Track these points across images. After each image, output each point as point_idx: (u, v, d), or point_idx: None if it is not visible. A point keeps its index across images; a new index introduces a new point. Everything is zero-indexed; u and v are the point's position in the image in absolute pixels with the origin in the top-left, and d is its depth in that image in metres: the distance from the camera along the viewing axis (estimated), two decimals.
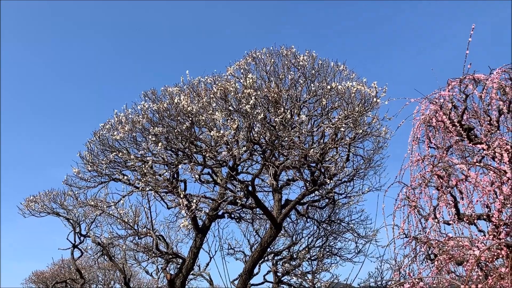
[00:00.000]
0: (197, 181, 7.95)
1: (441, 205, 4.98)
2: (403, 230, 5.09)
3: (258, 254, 8.97)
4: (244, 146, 7.03)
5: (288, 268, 12.00)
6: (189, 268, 9.09)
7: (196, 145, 6.99)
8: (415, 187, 5.32)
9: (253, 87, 6.34)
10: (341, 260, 12.34)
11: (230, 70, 7.52)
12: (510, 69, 6.11)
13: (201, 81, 7.69)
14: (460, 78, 6.34)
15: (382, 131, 7.84)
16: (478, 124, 6.51)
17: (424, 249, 4.70)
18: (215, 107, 6.52)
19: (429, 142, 6.67)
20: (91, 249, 12.68)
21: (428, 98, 6.68)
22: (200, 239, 9.18)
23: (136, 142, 7.56)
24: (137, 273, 18.63)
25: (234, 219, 10.55)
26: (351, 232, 11.49)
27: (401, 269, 4.97)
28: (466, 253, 4.00)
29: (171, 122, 6.87)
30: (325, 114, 7.61)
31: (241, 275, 9.20)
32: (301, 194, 8.66)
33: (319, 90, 7.53)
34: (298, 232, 12.40)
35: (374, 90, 6.86)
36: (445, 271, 4.39)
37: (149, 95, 7.89)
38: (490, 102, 6.10)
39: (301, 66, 7.50)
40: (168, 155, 7.50)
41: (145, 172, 6.99)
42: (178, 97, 6.61)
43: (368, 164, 9.12)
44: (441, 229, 5.32)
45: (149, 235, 9.19)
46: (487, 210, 5.02)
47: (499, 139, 5.37)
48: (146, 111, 7.32)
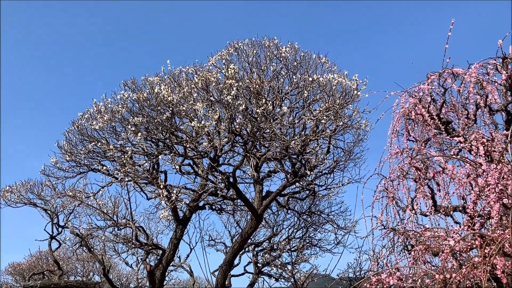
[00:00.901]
0: (178, 172, 7.90)
1: (419, 196, 5.07)
2: (381, 222, 5.17)
3: (239, 245, 8.99)
4: (225, 137, 7.00)
5: (268, 259, 12.08)
6: (169, 259, 9.06)
7: (176, 136, 6.93)
8: (394, 179, 5.40)
9: (235, 78, 6.31)
10: (321, 251, 12.49)
11: (212, 61, 7.46)
12: (487, 64, 6.23)
13: (183, 71, 7.61)
14: (439, 72, 6.43)
15: (362, 124, 7.91)
16: (456, 117, 6.63)
17: (401, 240, 4.78)
18: (196, 97, 6.46)
19: (408, 135, 6.77)
20: (70, 240, 12.51)
21: (407, 91, 6.76)
22: (181, 230, 9.15)
23: (116, 132, 7.46)
24: (116, 264, 18.50)
25: (215, 210, 10.53)
26: (330, 223, 11.62)
27: (379, 259, 5.06)
28: (442, 244, 4.09)
29: (151, 112, 6.79)
30: (306, 106, 7.63)
31: (221, 266, 9.22)
32: (282, 186, 8.70)
33: (301, 82, 7.54)
34: (279, 223, 12.49)
35: (355, 82, 6.90)
36: (421, 261, 4.48)
37: (129, 84, 7.77)
38: (468, 96, 6.22)
39: (283, 58, 7.48)
40: (148, 146, 7.42)
41: (124, 163, 6.91)
42: (159, 87, 6.53)
43: (348, 156, 9.20)
44: (418, 221, 5.42)
45: (129, 226, 9.11)
46: (463, 201, 5.14)
47: (475, 133, 5.48)
48: (126, 101, 7.21)
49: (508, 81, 5.89)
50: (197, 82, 6.35)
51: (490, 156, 4.83)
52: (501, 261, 3.37)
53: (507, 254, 3.44)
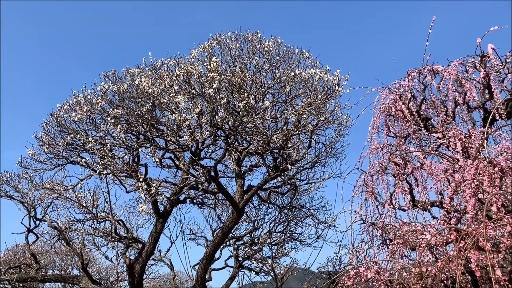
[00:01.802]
0: (159, 165, 7.82)
1: (397, 191, 5.14)
2: (360, 216, 5.22)
3: (220, 239, 8.98)
4: (207, 131, 6.96)
5: (249, 253, 12.11)
6: (149, 253, 8.99)
7: (157, 129, 6.86)
8: (373, 174, 5.46)
9: (217, 71, 6.26)
10: (301, 245, 12.58)
11: (194, 53, 7.39)
12: (466, 62, 6.33)
13: (164, 64, 7.52)
14: (420, 69, 6.52)
15: (343, 119, 7.97)
16: (435, 114, 6.73)
17: (380, 234, 4.85)
18: (177, 90, 6.40)
19: (388, 131, 6.85)
20: (48, 234, 12.31)
21: (388, 87, 6.83)
22: (161, 224, 9.08)
23: (95, 124, 7.34)
24: (96, 258, 18.30)
25: (196, 204, 10.49)
26: (311, 217, 11.70)
27: (358, 253, 5.12)
28: (419, 238, 4.15)
29: (131, 104, 6.70)
30: (289, 101, 7.64)
31: (202, 260, 9.19)
32: (263, 180, 8.71)
33: (283, 77, 7.54)
34: (260, 218, 12.51)
35: (336, 78, 6.93)
36: (398, 255, 4.56)
37: (110, 76, 7.64)
38: (447, 93, 6.32)
39: (266, 52, 7.47)
40: (128, 138, 7.33)
41: (103, 155, 6.81)
42: (139, 79, 6.44)
43: (329, 151, 9.27)
44: (396, 215, 5.51)
45: (108, 220, 9.00)
46: (440, 197, 5.23)
47: (454, 129, 5.57)
48: (106, 93, 7.10)
49: (486, 79, 6.00)
50: (179, 74, 6.29)
51: (467, 152, 4.92)
52: (475, 255, 3.44)
53: (481, 248, 3.51)
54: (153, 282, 20.76)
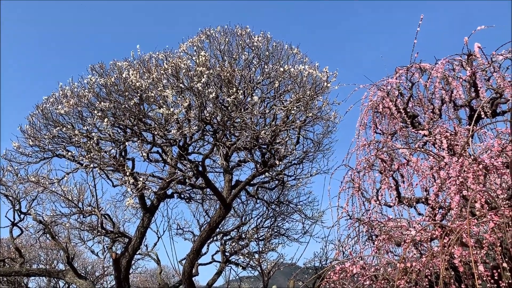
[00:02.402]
0: (146, 160, 7.78)
1: (383, 188, 5.19)
2: (346, 211, 5.26)
3: (207, 234, 8.97)
4: (196, 125, 6.94)
5: (236, 248, 12.13)
6: (136, 248, 8.96)
7: (145, 123, 6.81)
8: (360, 170, 5.50)
9: (205, 65, 6.23)
10: (288, 240, 12.64)
11: (183, 47, 7.34)
12: (453, 60, 6.39)
13: (153, 57, 7.45)
14: (407, 66, 6.56)
15: (331, 116, 8.00)
16: (422, 112, 6.79)
17: (365, 230, 4.89)
18: (165, 84, 6.35)
19: (376, 128, 6.89)
20: (33, 228, 12.19)
21: (376, 85, 6.87)
22: (148, 219, 9.05)
23: (82, 117, 7.26)
24: (82, 252, 18.16)
25: (184, 199, 10.47)
26: (298, 213, 11.76)
27: (344, 249, 5.16)
28: (404, 234, 4.20)
29: (118, 97, 6.63)
30: (277, 96, 7.64)
31: (188, 254, 9.18)
32: (251, 175, 8.72)
33: (272, 72, 7.53)
34: (248, 213, 12.54)
35: (325, 74, 6.95)
36: (384, 251, 4.60)
37: (97, 69, 7.56)
38: (434, 91, 6.37)
39: (255, 47, 7.44)
40: (116, 132, 7.27)
41: (90, 149, 6.74)
42: (127, 72, 6.37)
43: (317, 147, 9.31)
44: (382, 211, 5.56)
45: (94, 214, 8.94)
46: (425, 193, 5.29)
47: (440, 127, 5.63)
48: (93, 85, 7.02)
49: (472, 77, 6.07)
50: (167, 68, 6.24)
51: (453, 150, 4.98)
52: (459, 251, 3.49)
53: (464, 244, 3.57)
54: (139, 277, 20.70)
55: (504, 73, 6.00)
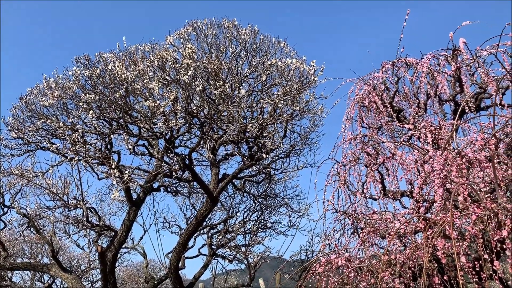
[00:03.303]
0: (132, 153, 7.72)
1: (369, 181, 5.23)
2: (332, 204, 5.29)
3: (193, 227, 8.97)
4: (182, 118, 6.90)
5: (223, 241, 12.15)
6: (122, 241, 8.91)
7: (131, 115, 6.75)
8: (346, 163, 5.53)
9: (192, 58, 6.19)
10: (275, 233, 12.70)
11: (170, 39, 7.27)
12: (439, 55, 6.45)
13: (139, 49, 7.38)
14: (393, 61, 6.60)
15: (318, 109, 8.03)
16: (407, 106, 6.85)
17: (351, 222, 4.93)
18: (152, 76, 6.30)
19: (362, 122, 6.93)
20: (16, 221, 12.03)
21: (363, 79, 6.90)
22: (134, 212, 9.00)
23: (67, 109, 7.16)
24: (67, 246, 18.01)
25: (171, 192, 10.44)
26: (285, 206, 11.82)
27: (330, 241, 5.20)
28: (389, 226, 4.25)
29: (104, 89, 6.56)
30: (265, 90, 7.64)
31: (175, 248, 9.17)
32: (238, 169, 8.73)
33: (260, 66, 7.52)
34: (235, 206, 12.55)
35: (312, 68, 6.96)
36: (368, 243, 4.65)
37: (82, 60, 7.45)
38: (419, 86, 6.43)
39: (242, 40, 7.42)
40: (101, 125, 7.19)
41: (75, 141, 6.66)
42: (113, 64, 6.30)
43: (304, 141, 9.35)
44: (368, 204, 5.61)
45: (80, 207, 8.85)
46: (410, 187, 5.35)
47: (425, 121, 5.69)
48: (78, 77, 6.92)
49: (457, 72, 6.13)
50: (153, 60, 6.18)
51: (437, 144, 5.03)
52: (442, 243, 3.54)
53: (447, 236, 3.62)
54: (125, 271, 20.63)
55: (488, 68, 6.08)
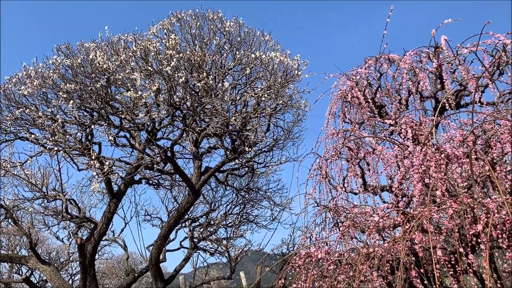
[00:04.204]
0: (113, 144, 7.63)
1: (350, 175, 5.28)
2: (314, 198, 5.33)
3: (175, 220, 8.93)
4: (165, 110, 6.84)
5: (204, 234, 12.13)
6: (102, 233, 8.82)
7: (112, 106, 6.66)
8: (328, 158, 5.57)
9: (175, 49, 6.12)
10: (257, 226, 12.74)
11: (153, 30, 7.18)
12: (421, 52, 6.53)
13: (121, 39, 7.27)
14: (376, 57, 6.66)
15: (302, 104, 8.06)
16: (389, 102, 6.93)
17: (331, 216, 4.97)
18: (134, 66, 6.21)
19: (344, 117, 6.99)
20: None
21: (346, 74, 6.95)
22: (115, 204, 8.91)
23: (46, 98, 7.03)
24: (46, 238, 17.76)
25: (152, 185, 10.37)
26: (267, 200, 11.85)
27: (310, 235, 5.24)
28: (368, 220, 4.30)
29: (85, 79, 6.45)
30: (249, 83, 7.62)
31: (156, 240, 9.13)
32: (221, 162, 8.71)
33: (244, 59, 7.49)
34: (217, 200, 12.54)
35: (296, 62, 6.97)
36: (348, 237, 4.70)
37: (63, 49, 7.31)
38: (401, 82, 6.50)
39: (227, 32, 7.37)
40: (82, 115, 7.08)
41: (55, 132, 6.54)
42: (94, 53, 6.20)
43: (287, 135, 9.37)
44: (348, 198, 5.67)
45: (59, 199, 8.72)
46: (390, 181, 5.42)
47: (406, 117, 5.75)
48: (58, 66, 6.79)
49: (438, 69, 6.22)
50: (136, 50, 6.10)
51: (417, 139, 5.10)
52: (419, 237, 3.60)
53: (425, 230, 3.68)
54: (106, 263, 20.46)
55: (469, 66, 6.18)
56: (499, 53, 5.63)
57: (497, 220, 3.45)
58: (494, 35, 5.59)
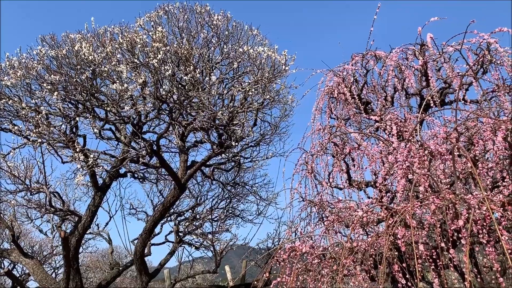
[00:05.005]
0: (98, 137, 7.55)
1: (335, 170, 5.32)
2: (299, 192, 5.36)
3: (160, 214, 8.91)
4: (151, 102, 6.79)
5: (190, 228, 12.12)
6: (86, 227, 8.76)
7: (97, 98, 6.59)
8: (314, 153, 5.60)
9: (162, 41, 6.07)
10: (243, 221, 12.77)
11: (140, 22, 7.10)
12: (407, 49, 6.59)
13: (108, 31, 7.18)
14: (363, 53, 6.70)
15: (289, 99, 8.08)
16: (375, 99, 6.98)
17: (316, 210, 5.01)
18: (120, 58, 6.15)
19: (331, 113, 7.03)
20: None
21: (333, 70, 6.98)
22: (100, 197, 8.85)
23: (30, 90, 6.92)
24: (29, 231, 17.53)
25: (138, 179, 10.30)
26: (253, 194, 11.88)
27: (295, 229, 5.27)
28: (352, 214, 4.34)
29: (70, 71, 6.36)
30: (236, 77, 7.60)
31: (141, 234, 9.10)
32: (207, 156, 8.69)
33: (231, 53, 7.47)
34: (203, 194, 12.53)
35: (284, 57, 6.97)
36: (333, 231, 4.74)
37: (48, 40, 7.20)
38: (387, 79, 6.56)
39: (214, 26, 7.34)
40: (66, 107, 6.98)
41: (38, 123, 6.45)
42: (79, 44, 6.11)
43: (274, 130, 9.40)
44: (333, 194, 5.71)
45: (42, 191, 8.61)
46: (375, 177, 5.48)
47: (391, 114, 5.81)
48: (43, 57, 6.69)
49: (423, 67, 6.29)
50: (122, 42, 6.04)
51: (402, 136, 5.16)
52: (402, 231, 3.66)
53: (407, 225, 3.73)
54: (90, 257, 20.31)
55: (454, 64, 6.25)
56: (483, 52, 5.71)
57: (478, 215, 3.51)
58: (478, 34, 5.66)
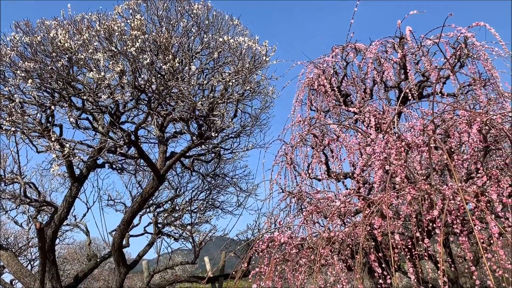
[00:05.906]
0: (75, 126, 7.40)
1: (314, 162, 5.35)
2: (279, 184, 5.38)
3: (138, 205, 8.82)
4: (129, 92, 6.68)
5: (169, 220, 12.05)
6: (63, 218, 8.60)
7: (74, 87, 6.44)
8: (294, 145, 5.62)
9: (141, 30, 5.97)
10: (223, 212, 12.76)
11: (118, 9, 6.95)
12: (387, 42, 6.64)
13: (85, 18, 7.01)
14: (343, 45, 6.72)
15: (269, 90, 8.06)
16: (355, 91, 7.03)
17: (295, 201, 5.03)
18: (97, 46, 6.02)
19: (311, 105, 7.05)
20: None
21: (313, 62, 6.99)
22: (77, 188, 8.69)
23: (4, 77, 6.72)
24: (4, 223, 17.14)
25: (116, 169, 10.16)
26: (233, 186, 11.87)
27: (275, 220, 5.29)
28: (330, 205, 4.38)
29: (45, 58, 6.19)
30: (217, 68, 7.54)
31: (119, 226, 9.00)
32: (187, 147, 8.63)
33: (212, 42, 7.39)
34: (183, 185, 12.45)
35: (264, 48, 6.94)
36: (311, 222, 4.78)
37: (22, 26, 6.99)
38: (367, 72, 6.61)
39: (194, 15, 7.24)
40: (42, 95, 6.81)
41: (12, 112, 6.28)
42: (55, 31, 5.95)
43: (255, 121, 9.39)
44: (312, 185, 5.75)
45: (17, 182, 8.42)
46: (353, 169, 5.53)
47: (370, 106, 5.87)
48: (17, 44, 6.49)
49: (402, 60, 6.35)
50: (99, 30, 5.90)
51: (380, 128, 5.22)
52: (378, 222, 3.70)
53: (384, 216, 3.78)
54: (67, 248, 20.04)
55: (432, 58, 6.34)
56: (460, 46, 5.80)
57: (452, 206, 3.58)
58: (456, 28, 5.75)
